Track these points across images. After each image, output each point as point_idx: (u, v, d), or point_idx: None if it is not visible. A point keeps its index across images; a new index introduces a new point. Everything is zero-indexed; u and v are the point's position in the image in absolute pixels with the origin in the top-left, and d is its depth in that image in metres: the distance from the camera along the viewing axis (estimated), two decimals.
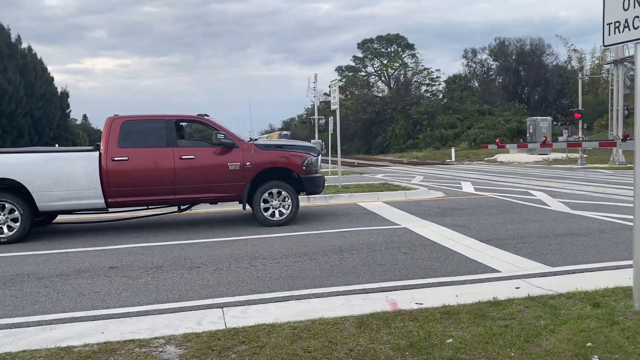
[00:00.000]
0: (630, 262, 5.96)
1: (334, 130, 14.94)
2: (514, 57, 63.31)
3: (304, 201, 11.90)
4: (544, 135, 33.03)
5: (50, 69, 56.36)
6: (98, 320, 4.66)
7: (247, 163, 8.89)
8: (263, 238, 8.06)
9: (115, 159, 8.49)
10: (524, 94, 63.81)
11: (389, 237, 7.88)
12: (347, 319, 4.44)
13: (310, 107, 75.73)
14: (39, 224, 9.71)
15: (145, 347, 3.96)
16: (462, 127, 54.33)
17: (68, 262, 6.88)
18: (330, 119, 23.46)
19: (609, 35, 4.31)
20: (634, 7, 4.04)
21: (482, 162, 34.03)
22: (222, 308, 4.85)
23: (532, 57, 61.41)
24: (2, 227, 8.17)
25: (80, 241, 8.28)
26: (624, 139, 21.02)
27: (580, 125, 29.55)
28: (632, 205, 10.31)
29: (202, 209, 11.31)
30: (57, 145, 42.42)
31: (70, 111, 63.94)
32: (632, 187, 4.45)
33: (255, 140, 9.73)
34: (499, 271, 5.84)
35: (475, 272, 5.84)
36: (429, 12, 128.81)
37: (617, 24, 4.21)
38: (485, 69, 68.12)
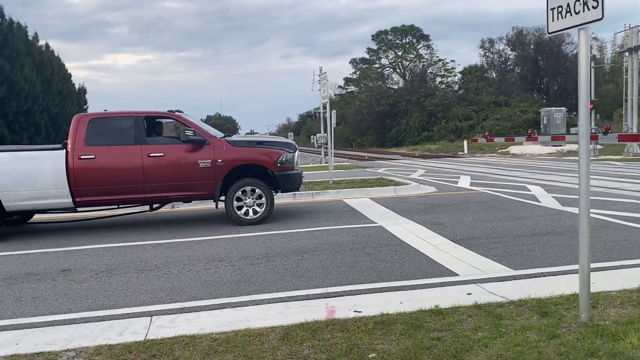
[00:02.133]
0: (600, 264, 5.62)
1: (330, 123, 14.62)
2: (532, 46, 61.95)
3: (289, 198, 11.65)
4: (557, 127, 32.20)
5: (72, 65, 57.17)
6: (21, 329, 4.47)
7: (219, 160, 8.65)
8: (230, 238, 7.83)
9: (82, 157, 8.32)
10: (543, 84, 62.46)
11: (359, 236, 7.57)
12: (274, 329, 4.18)
13: (327, 100, 75.54)
14: (13, 224, 9.64)
15: None
16: (478, 119, 53.39)
17: (23, 264, 6.73)
18: (333, 112, 23.15)
19: (552, 21, 3.94)
20: None
21: (495, 155, 33.33)
22: (151, 317, 4.62)
23: (551, 46, 59.95)
24: None
25: (48, 241, 8.15)
26: (605, 132, 20.43)
27: (593, 116, 28.63)
28: (628, 200, 9.90)
29: (183, 207, 11.14)
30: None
31: (87, 107, 64.78)
32: (638, 181, 4.09)
33: (229, 136, 9.47)
34: (457, 274, 5.51)
35: (432, 275, 5.52)
36: (450, 3, 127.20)
37: (560, 9, 3.84)
38: (503, 59, 66.89)
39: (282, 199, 11.37)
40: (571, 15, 3.73)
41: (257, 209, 8.87)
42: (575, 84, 50.88)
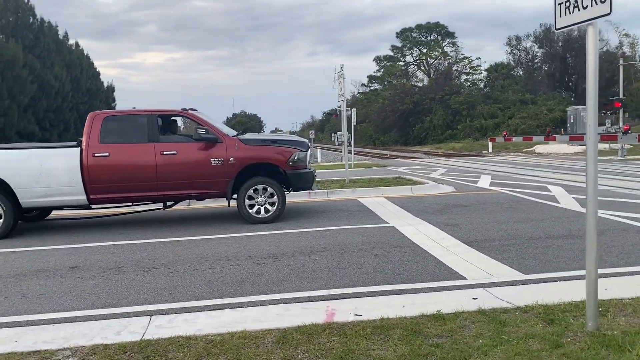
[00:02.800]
0: (616, 269, 5.42)
1: (345, 121, 14.50)
2: (560, 43, 60.63)
3: (304, 196, 11.58)
4: (584, 126, 31.45)
5: (103, 63, 58.67)
6: (22, 326, 4.50)
7: (231, 158, 8.63)
8: (240, 237, 7.80)
9: (96, 154, 8.39)
10: (571, 82, 61.05)
11: (369, 236, 7.46)
12: (270, 332, 4.12)
13: (349, 98, 75.22)
14: (32, 220, 9.80)
15: None
16: (503, 117, 52.46)
17: (34, 260, 6.81)
18: (353, 110, 23.03)
19: (560, 16, 3.78)
20: None
21: (519, 154, 32.71)
22: (150, 316, 4.61)
23: (580, 43, 58.42)
24: None
25: (62, 238, 8.23)
26: (625, 132, 19.79)
27: (621, 115, 27.90)
28: None
29: (199, 205, 11.17)
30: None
31: (115, 105, 65.85)
32: None
33: (242, 134, 9.44)
34: (464, 278, 5.37)
35: (439, 278, 5.38)
36: None
37: (568, 4, 3.68)
38: (530, 56, 65.63)
39: (297, 197, 11.32)
40: (579, 10, 3.56)
41: (269, 207, 8.82)
42: (604, 82, 49.42)
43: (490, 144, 38.17)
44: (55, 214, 10.22)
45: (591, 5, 3.44)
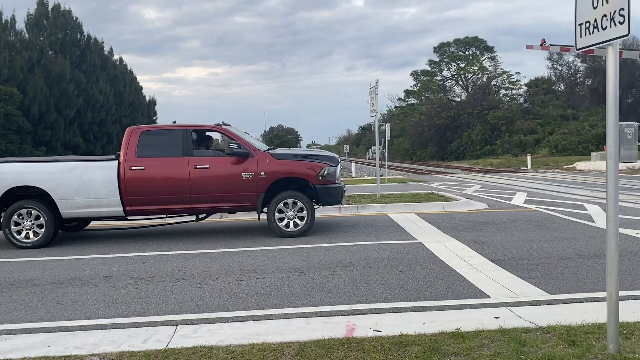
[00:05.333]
0: None
1: (378, 136, 14.55)
2: (603, 58, 59.22)
3: (334, 211, 11.66)
4: (629, 142, 30.55)
5: (147, 78, 60.66)
6: (55, 332, 4.71)
7: (262, 172, 8.81)
8: (268, 250, 7.93)
9: (133, 168, 8.70)
10: None
11: (396, 252, 7.48)
12: (290, 344, 4.20)
13: (385, 112, 75.10)
14: (72, 230, 10.19)
15: None
16: (544, 133, 51.44)
17: (71, 269, 7.10)
18: (388, 125, 23.06)
19: (581, 37, 3.78)
20: (602, 5, 3.52)
21: (559, 170, 31.98)
22: (176, 326, 4.76)
23: (624, 57, 57.10)
24: (28, 233, 8.61)
25: (98, 248, 8.54)
26: None
27: None
28: None
29: (230, 218, 11.38)
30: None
31: (157, 118, 67.66)
32: None
33: (273, 149, 9.63)
34: (488, 296, 5.33)
35: (462, 296, 5.37)
36: (521, 13, 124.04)
37: (588, 25, 3.69)
38: (572, 71, 64.28)
39: (327, 211, 11.41)
40: (598, 31, 3.57)
41: (298, 221, 8.94)
42: None
43: (529, 159, 37.45)
44: (92, 224, 10.59)
45: (610, 27, 3.45)
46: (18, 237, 8.58)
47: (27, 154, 38.12)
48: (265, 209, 9.08)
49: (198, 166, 8.79)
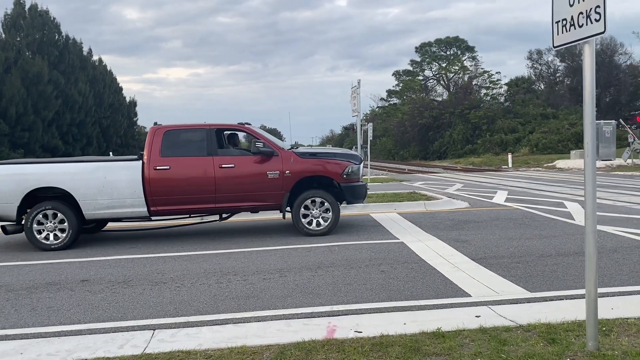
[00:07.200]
0: (625, 288, 5.33)
1: (360, 136, 14.54)
2: (582, 57, 59.98)
3: None
4: (607, 141, 31.03)
5: (128, 79, 59.93)
6: (28, 339, 4.59)
7: (287, 171, 8.74)
8: (249, 252, 7.83)
9: (158, 168, 8.56)
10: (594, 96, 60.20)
11: (377, 252, 7.46)
12: (270, 347, 4.14)
13: (368, 112, 75.30)
14: (89, 232, 9.91)
15: None
16: (524, 132, 51.95)
17: (46, 273, 6.93)
18: (370, 125, 23.06)
19: (558, 35, 3.78)
20: (578, 3, 3.52)
21: (540, 169, 32.34)
22: (153, 330, 4.66)
23: (603, 56, 57.84)
24: (49, 235, 8.42)
25: (76, 251, 8.31)
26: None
27: None
28: None
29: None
30: (111, 153, 44.13)
31: (137, 119, 66.88)
32: None
33: (296, 148, 9.57)
34: (469, 295, 5.33)
35: (443, 295, 5.35)
36: (502, 13, 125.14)
37: (564, 22, 3.69)
38: (552, 70, 65.08)
39: None
40: (575, 28, 3.57)
41: (321, 221, 8.91)
42: (628, 96, 48.61)
43: (510, 158, 37.80)
44: (109, 225, 10.31)
45: (586, 24, 3.45)
46: (39, 237, 8.39)
47: (5, 157, 37.41)
48: (288, 208, 9.01)
49: (223, 165, 8.69)
